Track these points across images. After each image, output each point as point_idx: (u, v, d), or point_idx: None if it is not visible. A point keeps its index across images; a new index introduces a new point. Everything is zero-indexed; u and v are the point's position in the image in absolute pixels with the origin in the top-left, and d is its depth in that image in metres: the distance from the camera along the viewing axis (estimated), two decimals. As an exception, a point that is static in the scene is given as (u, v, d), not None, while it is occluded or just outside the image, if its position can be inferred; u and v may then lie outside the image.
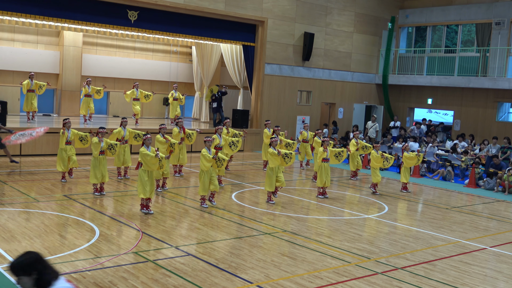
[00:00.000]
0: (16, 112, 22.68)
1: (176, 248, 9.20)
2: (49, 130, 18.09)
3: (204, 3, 21.46)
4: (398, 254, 9.66)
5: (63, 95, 23.68)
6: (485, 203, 15.43)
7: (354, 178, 17.70)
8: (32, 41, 23.36)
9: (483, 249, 10.37)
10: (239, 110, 23.66)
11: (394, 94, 28.12)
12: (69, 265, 7.95)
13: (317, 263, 8.83)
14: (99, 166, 12.67)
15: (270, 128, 17.75)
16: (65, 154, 14.07)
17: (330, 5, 25.54)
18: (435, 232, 11.42)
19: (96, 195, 12.77)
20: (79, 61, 24.06)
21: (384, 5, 27.68)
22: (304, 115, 25.28)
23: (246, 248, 9.38)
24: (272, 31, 23.68)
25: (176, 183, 15.06)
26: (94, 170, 12.66)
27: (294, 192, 14.87)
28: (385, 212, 13.12)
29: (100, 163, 12.72)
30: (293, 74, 24.70)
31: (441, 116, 28.92)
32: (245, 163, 19.99)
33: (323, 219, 12.12)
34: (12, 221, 10.13)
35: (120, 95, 25.53)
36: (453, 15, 26.22)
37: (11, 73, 22.80)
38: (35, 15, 18.42)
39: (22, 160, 17.13)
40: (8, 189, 12.98)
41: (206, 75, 26.08)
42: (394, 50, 28.07)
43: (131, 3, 20.03)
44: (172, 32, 21.64)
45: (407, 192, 15.96)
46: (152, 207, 11.64)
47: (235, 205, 12.80)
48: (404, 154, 15.76)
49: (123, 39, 25.68)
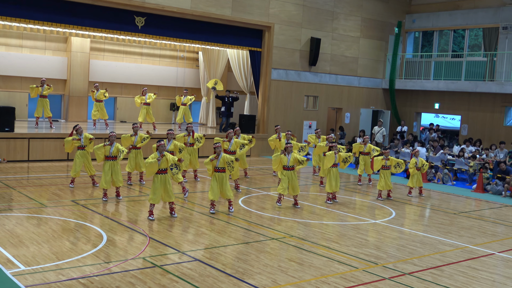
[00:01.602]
0: (24, 118, 22.80)
1: (183, 253, 9.21)
2: (57, 136, 18.23)
3: (211, 8, 21.53)
4: (406, 259, 9.63)
5: (70, 101, 23.79)
6: (493, 208, 15.36)
7: (361, 183, 17.67)
8: (40, 47, 23.50)
9: (491, 255, 10.32)
10: (246, 115, 23.69)
11: (401, 99, 28.07)
12: (77, 270, 7.98)
13: (324, 268, 8.82)
14: (108, 172, 12.68)
15: (282, 133, 17.78)
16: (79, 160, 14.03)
17: (337, 10, 25.56)
18: (442, 237, 11.37)
19: (104, 200, 12.80)
20: (86, 67, 24.18)
21: (391, 10, 27.67)
22: (311, 120, 25.28)
23: (253, 254, 9.38)
24: (279, 36, 23.72)
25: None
26: (104, 175, 12.68)
27: (301, 197, 14.86)
28: (392, 217, 13.09)
29: (111, 168, 12.74)
30: (299, 79, 24.72)
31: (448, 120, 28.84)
32: (252, 168, 19.99)
33: (330, 224, 12.10)
34: (20, 227, 10.18)
35: (128, 100, 25.63)
36: (460, 20, 26.18)
37: (19, 79, 22.94)
38: (43, 21, 18.54)
39: (29, 166, 17.22)
40: (16, 194, 13.04)
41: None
42: (401, 55, 28.04)
43: (138, 9, 20.13)
44: (179, 37, 21.71)
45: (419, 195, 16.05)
46: (161, 212, 11.66)
47: (242, 210, 12.81)
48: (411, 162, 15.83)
49: (130, 45, 25.79)
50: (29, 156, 17.87)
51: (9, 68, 22.45)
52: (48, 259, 8.40)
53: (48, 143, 18.14)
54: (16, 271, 7.78)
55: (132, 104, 24.84)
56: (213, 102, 26.34)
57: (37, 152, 17.98)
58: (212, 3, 21.54)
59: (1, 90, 22.32)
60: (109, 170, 12.66)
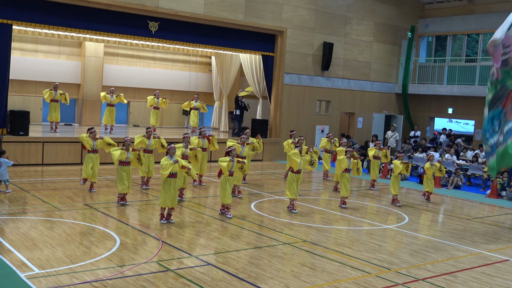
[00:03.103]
0: (38, 122, 23.01)
1: (196, 257, 9.23)
2: (71, 140, 18.35)
3: (224, 13, 21.61)
4: (419, 265, 9.57)
5: (84, 105, 23.97)
6: (508, 213, 15.23)
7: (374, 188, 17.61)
8: (55, 51, 23.72)
9: (506, 261, 10.23)
10: (258, 120, 23.72)
11: (414, 103, 27.95)
12: (90, 274, 8.03)
13: (337, 273, 8.79)
14: (126, 176, 12.73)
15: (295, 138, 17.78)
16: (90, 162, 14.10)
17: (350, 14, 25.54)
18: (456, 243, 11.29)
19: (120, 204, 12.84)
20: (100, 71, 24.36)
21: (404, 14, 27.59)
22: (323, 124, 25.25)
23: (266, 258, 9.38)
24: (291, 41, 23.75)
25: (195, 193, 15.12)
26: (121, 180, 12.73)
27: (314, 202, 14.83)
28: (405, 223, 13.02)
29: (127, 173, 12.80)
30: (312, 84, 24.71)
31: (462, 125, 28.66)
32: (264, 172, 20.00)
33: (343, 229, 12.07)
34: (35, 230, 10.26)
35: (141, 104, 25.77)
36: (473, 24, 26.04)
37: (34, 83, 23.16)
38: (58, 26, 18.72)
39: (43, 169, 17.35)
40: (30, 198, 13.15)
41: (225, 85, 26.21)
42: (414, 60, 27.94)
43: (151, 14, 20.26)
44: (192, 42, 21.81)
45: (427, 201, 15.89)
46: (173, 216, 11.69)
47: (254, 215, 12.81)
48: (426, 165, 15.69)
49: (144, 50, 25.95)
50: (43, 159, 18.01)
51: (24, 72, 22.68)
52: (62, 262, 8.46)
53: (62, 147, 18.29)
54: (31, 274, 7.84)
55: (145, 108, 24.94)
56: (226, 106, 26.41)
57: (51, 156, 18.12)
58: (225, 8, 21.62)
59: (16, 94, 22.55)
60: (125, 176, 12.71)
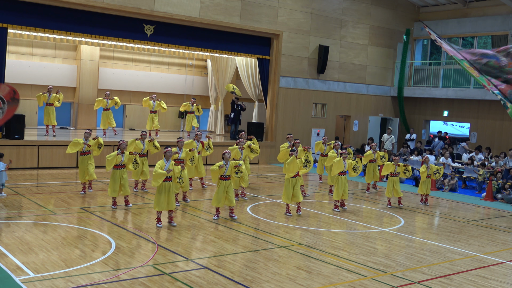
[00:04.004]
0: (34, 125, 22.95)
1: (192, 261, 9.22)
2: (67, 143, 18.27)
3: (219, 17, 21.63)
4: (415, 268, 9.58)
5: (80, 109, 23.93)
6: (503, 216, 15.27)
7: (369, 191, 17.62)
8: (50, 55, 23.68)
9: (501, 263, 10.25)
10: (254, 123, 23.72)
11: (409, 106, 28.01)
12: (86, 278, 8.00)
13: (333, 276, 8.79)
14: (117, 180, 12.72)
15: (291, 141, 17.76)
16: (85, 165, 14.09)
17: (345, 18, 25.60)
18: (452, 246, 11.31)
19: (113, 208, 12.84)
20: (96, 75, 24.33)
21: (399, 17, 27.67)
22: (319, 127, 25.27)
23: (262, 261, 9.38)
24: (287, 44, 23.78)
25: (191, 196, 15.09)
26: (113, 184, 12.70)
27: (310, 205, 14.84)
28: (401, 226, 13.03)
29: (120, 176, 12.77)
30: (308, 87, 24.74)
31: (458, 128, 28.73)
32: (260, 175, 20.00)
33: (338, 232, 12.07)
34: (30, 234, 10.23)
35: (137, 108, 25.74)
36: (468, 27, 26.13)
37: (29, 87, 23.11)
38: (53, 29, 18.70)
39: (39, 173, 17.31)
40: (25, 201, 13.11)
41: (221, 88, 26.20)
42: (409, 63, 28.01)
43: (147, 18, 20.27)
44: (188, 45, 21.83)
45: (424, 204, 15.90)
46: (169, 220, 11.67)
47: (250, 218, 12.80)
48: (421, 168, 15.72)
49: (139, 53, 25.93)
50: (39, 163, 17.97)
51: (19, 76, 22.61)
52: (57, 266, 8.43)
53: (57, 151, 18.25)
54: (26, 278, 7.82)
55: (141, 111, 24.95)
56: (222, 109, 26.40)
57: (46, 160, 18.09)
58: (220, 11, 21.64)
59: (11, 97, 22.47)
60: (118, 179, 12.69)
